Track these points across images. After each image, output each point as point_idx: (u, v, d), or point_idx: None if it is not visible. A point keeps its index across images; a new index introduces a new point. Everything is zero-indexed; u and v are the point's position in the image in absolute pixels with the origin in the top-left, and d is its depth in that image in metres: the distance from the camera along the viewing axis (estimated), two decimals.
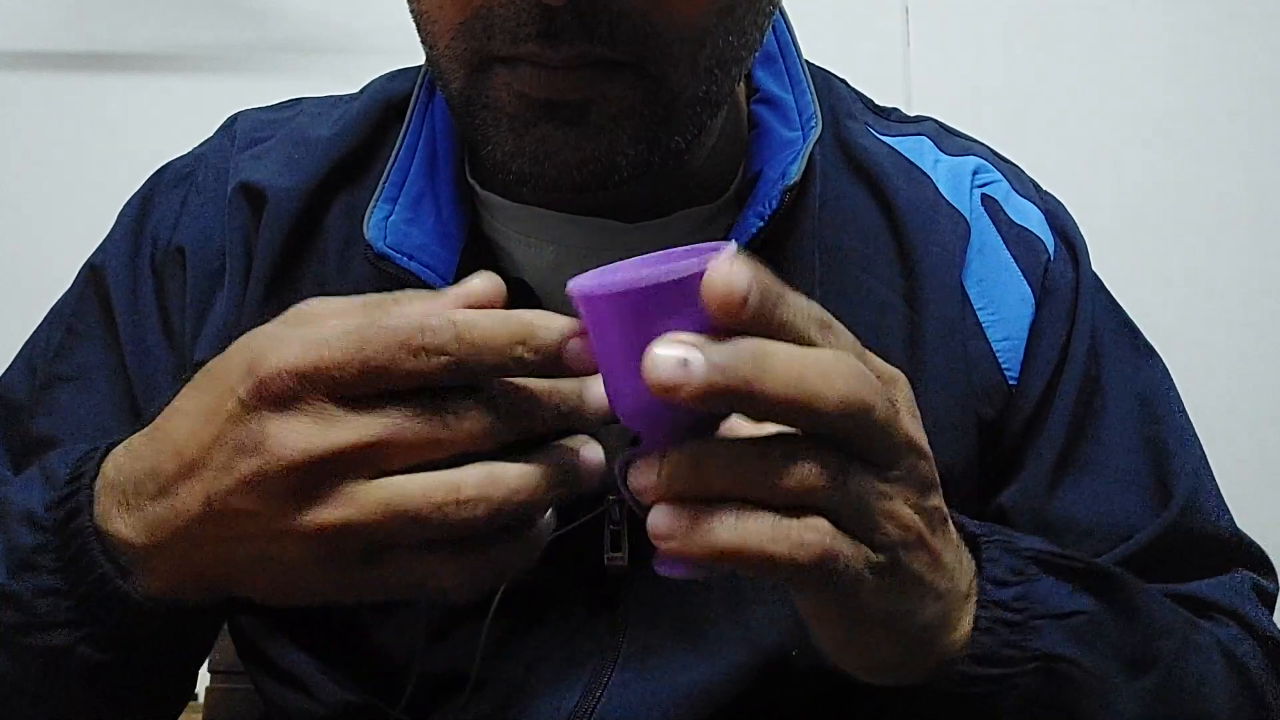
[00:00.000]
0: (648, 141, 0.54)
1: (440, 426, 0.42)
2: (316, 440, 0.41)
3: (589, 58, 0.51)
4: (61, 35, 1.57)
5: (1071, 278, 0.67)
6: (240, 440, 0.42)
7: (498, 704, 0.61)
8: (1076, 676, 0.50)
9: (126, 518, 0.46)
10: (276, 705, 0.66)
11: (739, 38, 0.55)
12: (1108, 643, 0.52)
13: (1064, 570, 0.52)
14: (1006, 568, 0.50)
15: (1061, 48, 1.62)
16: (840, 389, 0.39)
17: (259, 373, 0.42)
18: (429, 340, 0.41)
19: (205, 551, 0.45)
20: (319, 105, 0.72)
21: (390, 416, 0.41)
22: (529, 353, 0.42)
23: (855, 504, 0.41)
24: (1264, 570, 0.67)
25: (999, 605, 0.49)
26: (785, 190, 0.60)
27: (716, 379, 0.37)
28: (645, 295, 0.38)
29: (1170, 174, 1.61)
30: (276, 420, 0.41)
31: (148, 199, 0.69)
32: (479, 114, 0.54)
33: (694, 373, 0.37)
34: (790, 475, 0.39)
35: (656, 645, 0.61)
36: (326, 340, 0.41)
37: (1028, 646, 0.49)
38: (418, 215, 0.61)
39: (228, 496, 0.43)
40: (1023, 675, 0.49)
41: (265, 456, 0.41)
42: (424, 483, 0.42)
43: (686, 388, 0.37)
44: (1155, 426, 0.67)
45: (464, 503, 0.41)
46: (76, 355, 0.66)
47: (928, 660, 0.48)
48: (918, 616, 0.46)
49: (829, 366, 0.39)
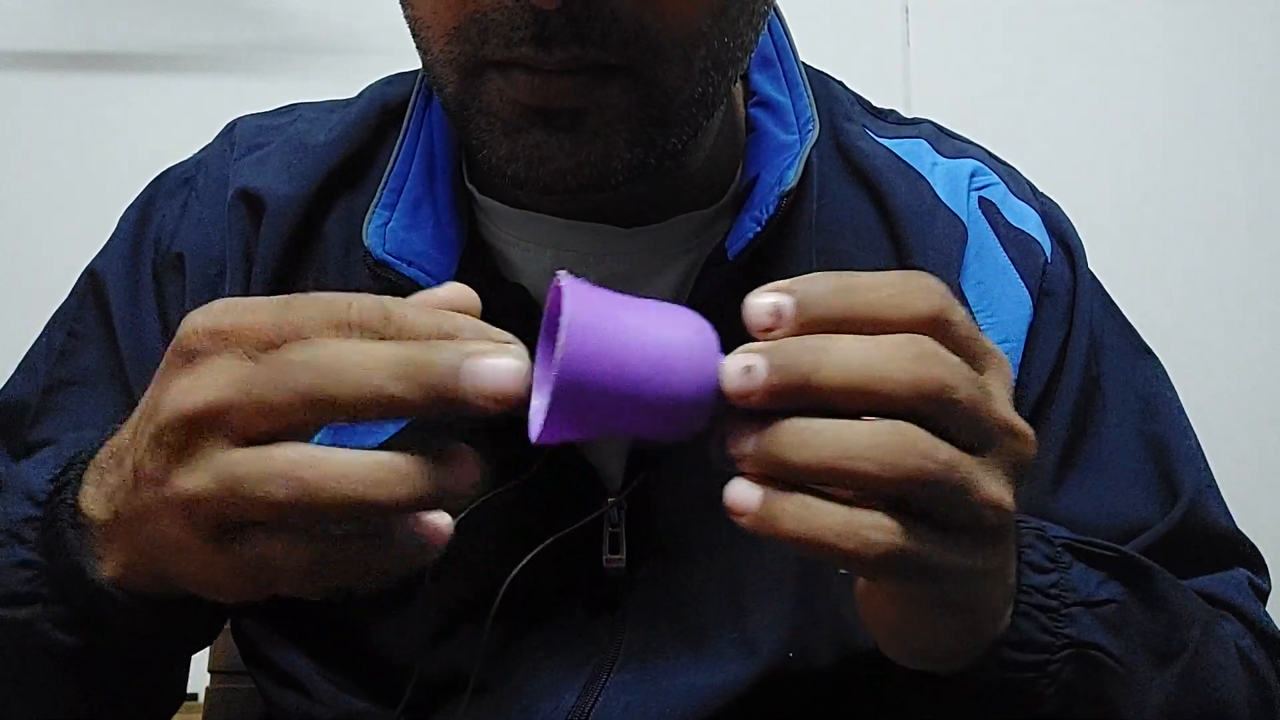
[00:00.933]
0: (643, 145, 0.54)
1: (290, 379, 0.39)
2: (190, 395, 0.40)
3: (582, 62, 0.51)
4: (61, 35, 1.57)
5: (1069, 280, 0.67)
6: (151, 400, 0.42)
7: (496, 705, 0.61)
8: (1108, 665, 0.51)
9: (95, 493, 0.47)
10: (278, 707, 0.66)
11: (734, 39, 0.55)
12: (1136, 631, 0.52)
13: (1095, 558, 0.53)
14: (1042, 555, 0.50)
15: (1061, 48, 1.62)
16: (912, 371, 0.39)
17: (183, 330, 0.41)
18: (355, 316, 0.39)
19: (138, 529, 0.45)
20: (316, 110, 0.72)
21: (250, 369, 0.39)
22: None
23: (954, 488, 0.40)
24: (1258, 569, 0.68)
25: (1037, 591, 0.49)
26: (782, 195, 0.60)
27: (776, 382, 0.39)
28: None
29: (1169, 174, 1.61)
30: (175, 376, 0.41)
31: (148, 205, 0.69)
32: (473, 119, 0.54)
33: (756, 378, 0.39)
34: (887, 458, 0.39)
35: (655, 647, 0.61)
36: (256, 305, 0.41)
37: (1062, 633, 0.49)
38: (416, 221, 0.61)
39: (141, 458, 0.42)
40: (1058, 662, 0.49)
41: (158, 414, 0.41)
42: (263, 456, 0.39)
43: (754, 395, 0.39)
44: (1156, 425, 0.67)
45: (304, 484, 0.38)
46: (78, 359, 0.66)
47: (976, 645, 0.48)
48: (988, 602, 0.46)
49: (896, 350, 0.39)
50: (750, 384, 0.39)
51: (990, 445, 0.42)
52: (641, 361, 0.39)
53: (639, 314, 0.40)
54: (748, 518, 0.40)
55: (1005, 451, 0.42)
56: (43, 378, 0.67)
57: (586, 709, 0.60)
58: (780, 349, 0.39)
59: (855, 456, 0.39)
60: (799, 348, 0.39)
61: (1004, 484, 0.42)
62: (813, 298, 0.40)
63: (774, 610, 0.61)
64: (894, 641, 0.49)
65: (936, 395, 0.39)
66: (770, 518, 0.39)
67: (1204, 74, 1.62)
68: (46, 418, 0.66)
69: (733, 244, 0.60)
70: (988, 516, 0.42)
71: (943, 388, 0.39)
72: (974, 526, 0.42)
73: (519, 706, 0.61)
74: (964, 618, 0.46)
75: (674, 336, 0.40)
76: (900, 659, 0.49)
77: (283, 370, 0.39)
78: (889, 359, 0.39)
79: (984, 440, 0.42)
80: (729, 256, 0.60)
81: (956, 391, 0.40)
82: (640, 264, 0.62)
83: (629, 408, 0.39)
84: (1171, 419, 0.68)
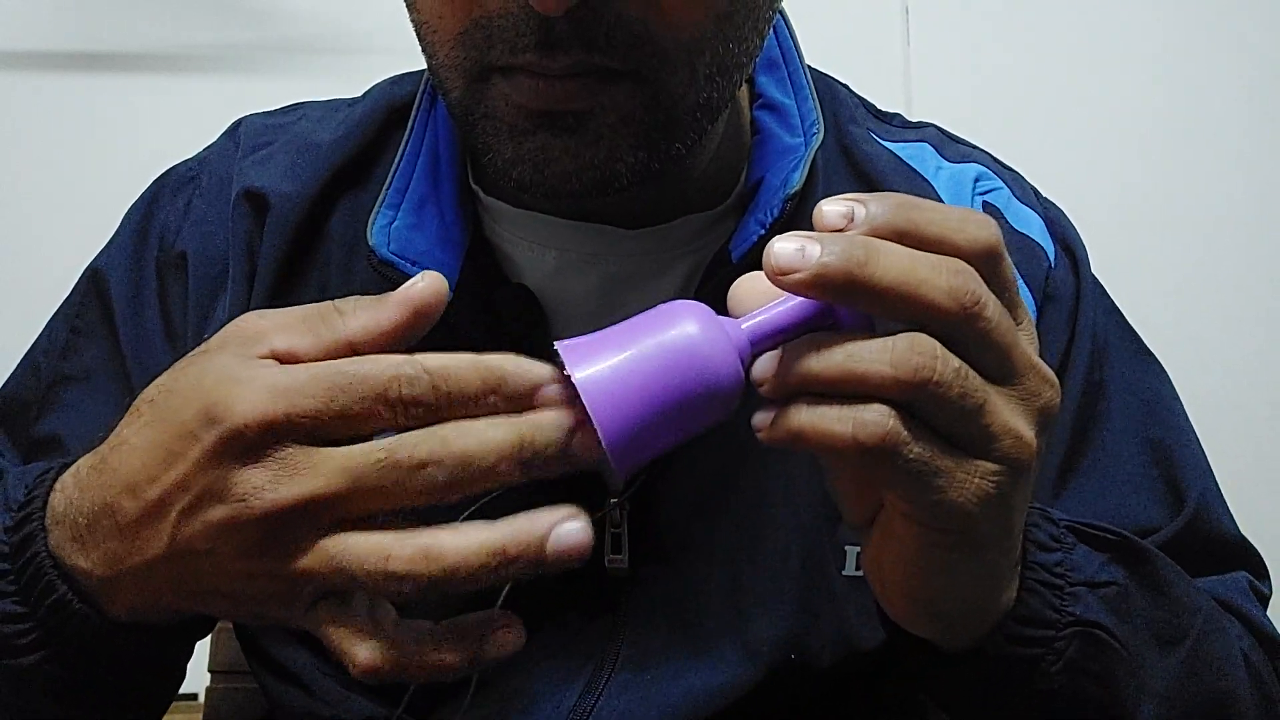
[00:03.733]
0: (648, 148, 0.54)
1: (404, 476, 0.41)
2: (284, 492, 0.41)
3: (587, 67, 0.51)
4: (61, 35, 1.57)
5: (1072, 284, 0.67)
6: (208, 488, 0.42)
7: (497, 705, 0.61)
8: (1111, 646, 0.51)
9: (84, 552, 0.46)
10: (279, 704, 0.66)
11: (738, 44, 0.55)
12: (1138, 615, 0.53)
13: (1098, 541, 0.53)
14: (1047, 534, 0.51)
15: (1061, 48, 1.62)
16: (953, 284, 0.40)
17: (227, 422, 0.41)
18: (405, 393, 0.41)
19: (166, 583, 0.45)
20: (321, 110, 0.72)
21: (356, 463, 0.41)
22: (502, 401, 0.42)
23: (962, 399, 0.41)
24: (1260, 573, 0.68)
25: (1043, 568, 0.50)
26: (787, 198, 0.60)
27: (829, 261, 0.40)
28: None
29: (1168, 175, 1.61)
30: (244, 470, 0.41)
31: (152, 203, 0.69)
32: (478, 123, 0.54)
33: (809, 257, 0.40)
34: (899, 359, 0.40)
35: (655, 648, 0.61)
36: (297, 389, 0.41)
37: (1068, 611, 0.50)
38: (421, 221, 0.61)
39: (192, 540, 0.42)
40: (1064, 639, 0.50)
41: (235, 506, 0.41)
42: (363, 545, 0.41)
43: (800, 273, 0.40)
44: (1159, 429, 0.67)
45: (390, 574, 0.41)
46: (81, 356, 0.67)
47: (983, 616, 0.48)
48: (997, 564, 0.47)
49: (943, 264, 0.41)
50: (802, 262, 0.40)
51: (1015, 379, 0.42)
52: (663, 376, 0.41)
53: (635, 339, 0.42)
54: (763, 431, 0.41)
55: (1030, 389, 0.43)
56: (45, 373, 0.67)
57: (587, 709, 0.60)
58: (835, 239, 0.40)
59: (867, 360, 0.40)
60: (852, 242, 0.40)
61: (1025, 419, 0.43)
62: (883, 210, 0.41)
63: (775, 611, 0.61)
64: (903, 600, 0.48)
65: (971, 311, 0.41)
66: (781, 422, 0.41)
67: (1204, 74, 1.62)
68: (49, 413, 0.66)
69: (737, 246, 0.60)
70: (1004, 443, 0.42)
71: (979, 304, 0.41)
72: (986, 449, 0.42)
73: (519, 706, 0.61)
74: (973, 572, 0.46)
75: (674, 337, 0.41)
76: (910, 622, 0.49)
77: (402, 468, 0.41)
78: (934, 269, 0.40)
79: (1009, 372, 0.42)
80: (733, 259, 0.60)
81: (990, 313, 0.41)
82: (643, 265, 0.62)
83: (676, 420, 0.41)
84: (1175, 423, 0.68)
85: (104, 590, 0.47)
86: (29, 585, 0.48)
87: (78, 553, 0.46)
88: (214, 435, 0.41)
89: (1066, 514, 0.63)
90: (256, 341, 0.43)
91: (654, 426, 0.41)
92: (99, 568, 0.46)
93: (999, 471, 0.42)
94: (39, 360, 0.68)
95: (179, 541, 0.43)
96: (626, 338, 0.42)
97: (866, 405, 0.40)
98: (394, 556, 0.41)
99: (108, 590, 0.47)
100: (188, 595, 0.45)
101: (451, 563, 0.41)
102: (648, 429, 0.41)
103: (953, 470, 0.42)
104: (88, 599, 0.47)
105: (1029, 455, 0.43)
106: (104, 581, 0.46)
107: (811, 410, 0.41)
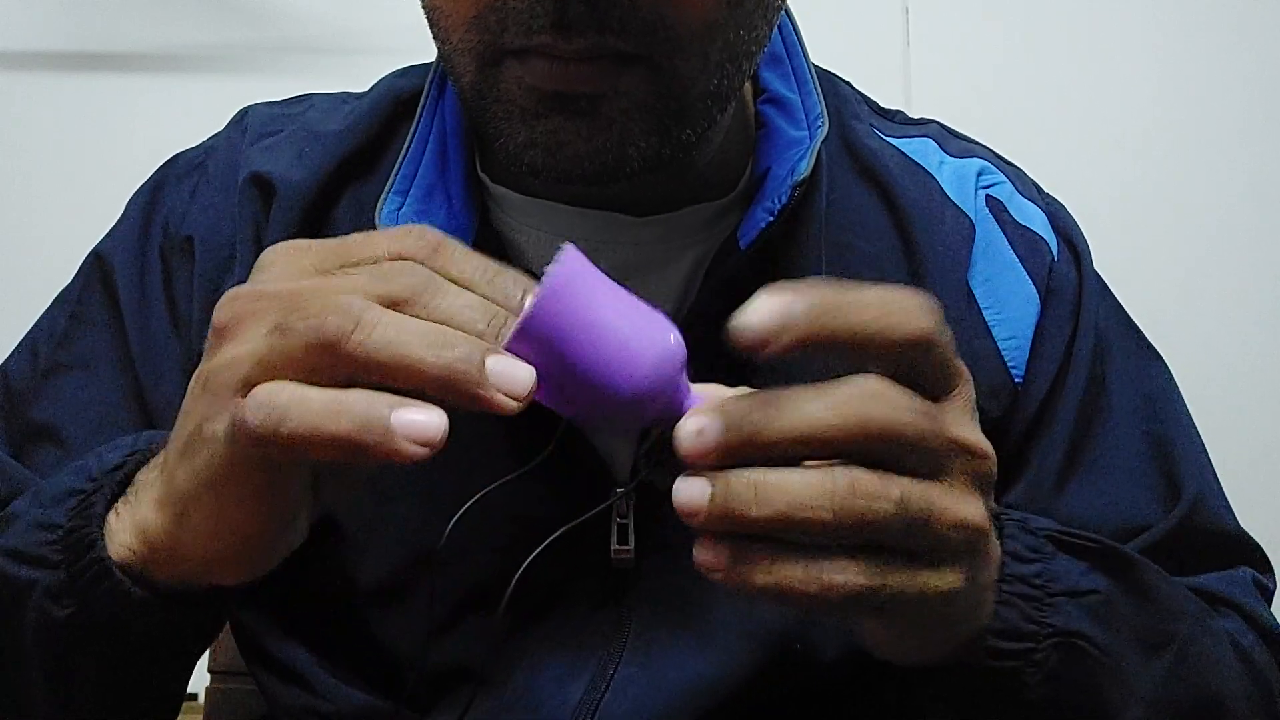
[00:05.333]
0: (659, 134, 0.54)
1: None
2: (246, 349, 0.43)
3: (601, 50, 0.51)
4: (61, 35, 1.57)
5: (1074, 280, 0.67)
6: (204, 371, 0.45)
7: (502, 698, 0.61)
8: (1093, 654, 0.51)
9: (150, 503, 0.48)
10: (279, 702, 0.66)
11: (749, 32, 0.55)
12: (1122, 621, 0.53)
13: (1079, 549, 0.53)
14: (1026, 545, 0.51)
15: (1061, 48, 1.62)
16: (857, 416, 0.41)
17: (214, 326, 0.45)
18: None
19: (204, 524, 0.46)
20: (329, 100, 0.72)
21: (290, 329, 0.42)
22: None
23: (912, 521, 0.42)
24: (1263, 567, 0.68)
25: (1020, 580, 0.50)
26: (795, 185, 0.60)
27: (729, 439, 0.41)
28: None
29: (1170, 173, 1.61)
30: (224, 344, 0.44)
31: (158, 188, 0.69)
32: (491, 107, 0.54)
33: (709, 439, 0.41)
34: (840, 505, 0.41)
35: (662, 639, 0.61)
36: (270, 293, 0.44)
37: (1046, 622, 0.50)
38: (429, 207, 0.62)
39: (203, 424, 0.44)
40: (1043, 651, 0.50)
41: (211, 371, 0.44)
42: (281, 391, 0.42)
43: (710, 455, 0.41)
44: (1160, 424, 0.67)
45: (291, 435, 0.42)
46: (80, 343, 0.66)
47: (959, 638, 0.49)
48: (970, 600, 0.47)
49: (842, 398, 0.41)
50: (704, 445, 0.41)
51: (946, 469, 0.43)
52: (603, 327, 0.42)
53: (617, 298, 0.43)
54: (719, 575, 0.42)
55: (962, 469, 0.44)
56: (42, 360, 0.67)
57: (594, 702, 0.60)
58: (728, 408, 0.41)
59: (809, 506, 0.41)
60: (748, 406, 0.41)
61: (969, 501, 0.44)
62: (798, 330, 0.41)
63: None
64: (881, 647, 0.50)
65: (881, 436, 0.41)
66: (738, 576, 0.42)
67: (1204, 73, 1.62)
68: (44, 401, 0.65)
69: (745, 234, 0.60)
70: (954, 539, 0.43)
71: (888, 427, 0.41)
72: (943, 552, 0.43)
73: (525, 700, 0.61)
74: (948, 624, 0.48)
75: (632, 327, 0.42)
76: (890, 658, 0.51)
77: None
78: (833, 408, 0.41)
79: (938, 465, 0.43)
80: (740, 246, 0.60)
81: (904, 428, 0.42)
82: (651, 253, 0.62)
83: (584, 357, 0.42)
84: (1175, 419, 0.68)
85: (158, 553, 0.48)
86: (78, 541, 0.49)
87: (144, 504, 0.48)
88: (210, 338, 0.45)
89: (1067, 509, 0.64)
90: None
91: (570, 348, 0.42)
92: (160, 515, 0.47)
93: (960, 564, 0.44)
94: (38, 346, 0.68)
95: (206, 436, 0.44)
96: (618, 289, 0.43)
97: (831, 561, 0.42)
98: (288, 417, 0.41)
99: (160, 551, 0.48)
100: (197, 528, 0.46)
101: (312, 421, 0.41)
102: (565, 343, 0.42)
103: (918, 582, 0.43)
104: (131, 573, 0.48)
105: (983, 533, 0.45)
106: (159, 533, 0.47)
107: (771, 569, 0.42)
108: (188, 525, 0.47)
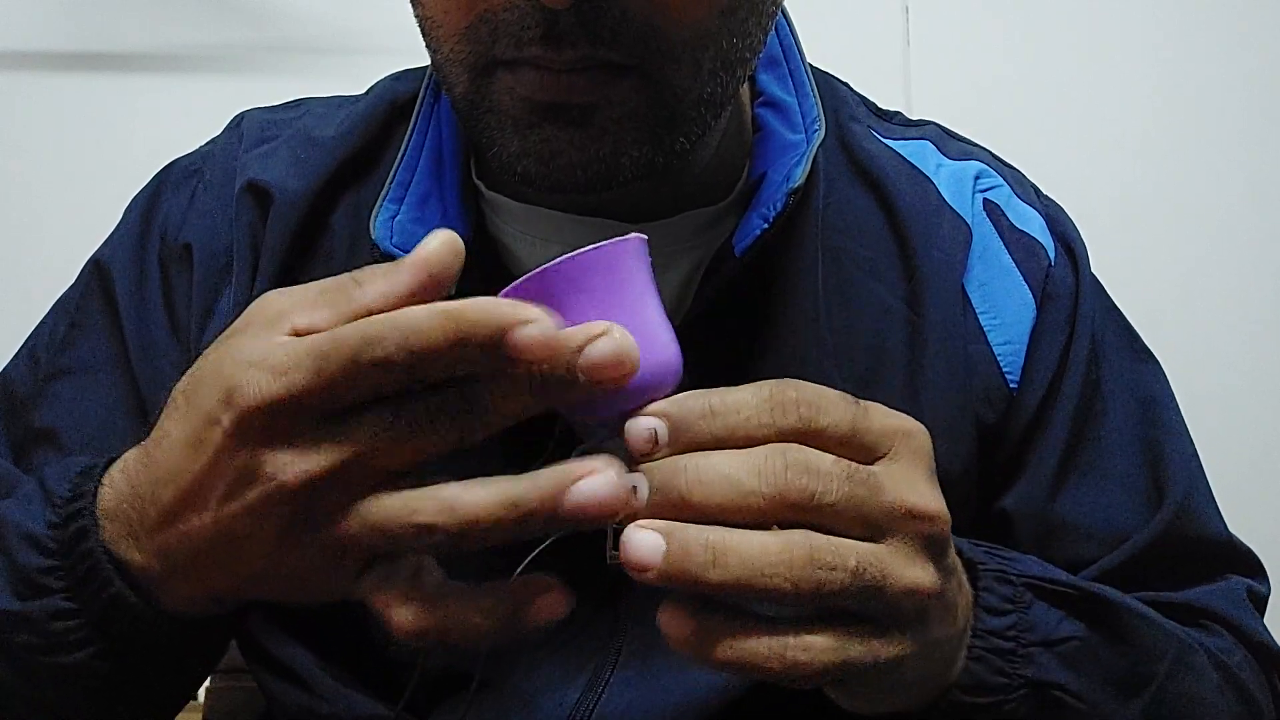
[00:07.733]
0: (652, 143, 0.54)
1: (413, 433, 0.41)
2: (308, 464, 0.41)
3: (592, 60, 0.51)
4: (61, 35, 1.57)
5: (1071, 283, 0.67)
6: (240, 471, 0.42)
7: (499, 702, 0.61)
8: (1067, 702, 0.51)
9: (137, 546, 0.47)
10: (278, 702, 0.66)
11: (742, 39, 0.55)
12: (1099, 667, 0.53)
13: (1056, 596, 0.53)
14: (1001, 596, 0.51)
15: (1061, 48, 1.62)
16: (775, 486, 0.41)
17: (238, 406, 0.41)
18: (377, 354, 0.40)
19: (218, 570, 0.45)
20: (324, 105, 0.72)
21: (367, 428, 0.41)
22: (475, 351, 0.40)
23: (865, 588, 0.42)
24: (1256, 574, 0.68)
25: (992, 634, 0.50)
26: (789, 193, 0.60)
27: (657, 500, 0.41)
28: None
29: (1169, 174, 1.61)
30: (270, 450, 0.41)
31: (155, 195, 0.69)
32: (484, 117, 0.54)
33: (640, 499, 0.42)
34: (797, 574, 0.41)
35: (657, 644, 0.60)
36: (293, 365, 0.41)
37: (1017, 674, 0.50)
38: (424, 215, 0.62)
39: (235, 523, 0.43)
40: (1013, 702, 0.50)
41: (268, 486, 0.41)
42: (391, 502, 0.41)
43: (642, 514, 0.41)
44: (1153, 430, 0.67)
45: (419, 527, 0.41)
46: (80, 349, 0.66)
47: (927, 695, 0.49)
48: (936, 660, 0.48)
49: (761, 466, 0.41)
50: (638, 504, 0.41)
51: (890, 533, 0.43)
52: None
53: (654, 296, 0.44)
54: (683, 646, 0.43)
55: (909, 532, 0.44)
56: (43, 366, 0.67)
57: (590, 706, 0.60)
58: (656, 469, 0.42)
59: (767, 575, 0.41)
60: (671, 469, 0.41)
61: (916, 566, 0.44)
62: (686, 423, 0.42)
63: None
64: (845, 704, 0.50)
65: (806, 504, 0.41)
66: (704, 649, 0.42)
67: (1204, 74, 1.62)
68: (44, 406, 0.65)
69: (739, 241, 0.60)
70: (904, 606, 0.43)
71: (809, 496, 0.41)
72: (896, 617, 0.44)
73: (521, 704, 0.61)
74: (904, 686, 0.48)
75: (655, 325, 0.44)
76: (859, 712, 0.50)
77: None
78: (752, 475, 0.41)
79: (879, 531, 0.43)
80: (736, 253, 0.60)
81: (828, 495, 0.42)
82: None
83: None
84: (1169, 424, 0.68)
85: (160, 582, 0.47)
86: (84, 581, 0.48)
87: (131, 547, 0.47)
88: (230, 420, 0.41)
89: (1061, 512, 0.64)
90: (277, 320, 0.43)
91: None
92: (153, 560, 0.46)
93: (907, 630, 0.44)
94: (38, 352, 0.68)
95: (222, 526, 0.43)
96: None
97: (795, 638, 0.42)
98: (419, 510, 0.41)
99: (163, 582, 0.47)
100: (241, 580, 0.45)
101: (469, 513, 0.40)
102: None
103: (871, 651, 0.43)
104: (142, 593, 0.47)
105: (934, 593, 0.45)
106: (160, 574, 0.46)
107: (733, 644, 0.42)
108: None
